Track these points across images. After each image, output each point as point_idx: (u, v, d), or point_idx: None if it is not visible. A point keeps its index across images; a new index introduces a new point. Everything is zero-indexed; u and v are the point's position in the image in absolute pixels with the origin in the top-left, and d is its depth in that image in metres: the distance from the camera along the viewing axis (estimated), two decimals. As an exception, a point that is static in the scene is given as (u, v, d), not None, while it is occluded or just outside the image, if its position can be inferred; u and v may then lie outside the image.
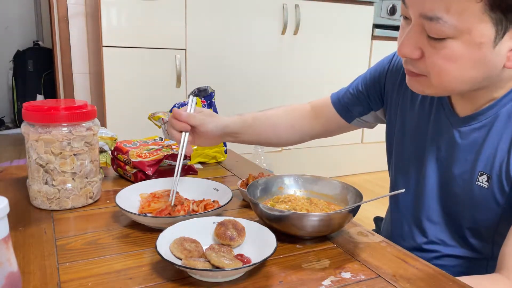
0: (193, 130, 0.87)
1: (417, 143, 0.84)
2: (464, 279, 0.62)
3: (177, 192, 0.83)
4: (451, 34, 0.61)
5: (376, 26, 2.88)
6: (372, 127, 1.02)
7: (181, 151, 0.84)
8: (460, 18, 0.60)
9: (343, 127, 1.01)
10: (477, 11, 0.59)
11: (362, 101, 0.96)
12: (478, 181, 0.73)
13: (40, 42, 4.02)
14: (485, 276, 0.69)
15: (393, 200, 0.92)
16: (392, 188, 0.93)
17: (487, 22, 0.60)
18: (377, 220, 1.10)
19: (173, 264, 0.57)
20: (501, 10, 0.59)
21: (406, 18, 0.68)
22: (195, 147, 1.09)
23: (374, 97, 0.94)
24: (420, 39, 0.65)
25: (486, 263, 0.77)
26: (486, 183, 0.72)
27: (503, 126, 0.71)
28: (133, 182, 0.94)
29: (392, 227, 0.91)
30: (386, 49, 2.94)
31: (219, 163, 1.19)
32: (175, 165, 0.98)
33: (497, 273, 0.67)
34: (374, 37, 2.89)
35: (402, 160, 0.89)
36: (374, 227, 1.10)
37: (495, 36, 0.61)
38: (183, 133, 0.86)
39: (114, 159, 1.01)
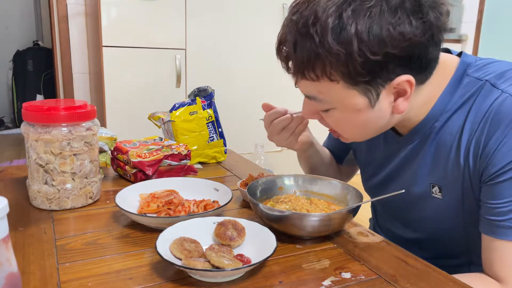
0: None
1: (376, 168, 0.88)
2: (458, 277, 0.62)
3: (177, 193, 0.83)
4: (330, 107, 0.69)
5: (376, 26, 2.88)
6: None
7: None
8: (330, 96, 0.67)
9: (342, 169, 1.08)
10: (341, 89, 0.64)
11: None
12: (433, 193, 0.75)
13: (40, 42, 4.02)
14: (476, 274, 0.69)
15: (373, 211, 0.98)
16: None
17: (355, 95, 0.65)
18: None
19: (173, 264, 0.57)
20: (362, 83, 0.63)
21: None
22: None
23: None
24: (313, 107, 0.74)
25: (467, 269, 0.78)
26: (439, 194, 0.74)
27: (439, 136, 0.73)
28: (133, 182, 0.93)
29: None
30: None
31: (219, 163, 1.19)
32: (175, 165, 0.99)
33: (485, 275, 0.67)
34: (374, 37, 2.89)
35: (368, 184, 0.93)
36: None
37: (369, 101, 0.65)
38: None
39: (114, 159, 1.01)
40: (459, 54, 0.75)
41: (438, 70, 0.69)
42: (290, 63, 0.67)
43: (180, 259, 0.60)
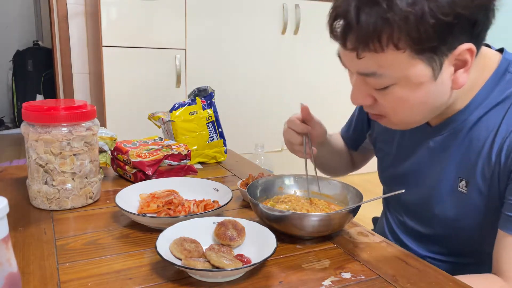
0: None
1: (395, 157, 0.87)
2: (461, 278, 0.62)
3: (177, 193, 0.83)
4: (390, 82, 0.65)
5: (376, 26, 2.88)
6: (374, 154, 1.05)
7: (306, 150, 0.86)
8: (393, 69, 0.63)
9: (356, 156, 1.08)
10: (405, 59, 0.62)
11: (358, 126, 1.01)
12: (459, 187, 0.74)
13: (39, 42, 4.01)
14: (481, 275, 0.69)
15: (386, 208, 0.96)
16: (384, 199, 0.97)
17: (420, 64, 0.62)
18: (375, 220, 1.11)
19: (173, 264, 0.57)
20: (428, 51, 0.61)
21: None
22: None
23: (364, 120, 1.00)
24: (366, 88, 0.69)
25: (475, 269, 0.77)
26: (465, 189, 0.73)
27: (473, 131, 0.72)
28: (133, 182, 0.93)
29: (385, 235, 0.93)
30: (386, 49, 2.95)
31: (219, 163, 1.19)
32: (175, 165, 0.99)
33: (493, 274, 0.67)
34: (374, 37, 2.89)
35: (385, 173, 0.92)
36: (373, 227, 1.10)
37: (433, 72, 0.64)
38: (304, 136, 0.87)
39: (114, 159, 1.01)
40: (500, 50, 0.74)
41: (480, 60, 0.68)
42: (349, 37, 0.63)
43: (180, 259, 0.60)
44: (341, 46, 0.66)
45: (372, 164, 1.16)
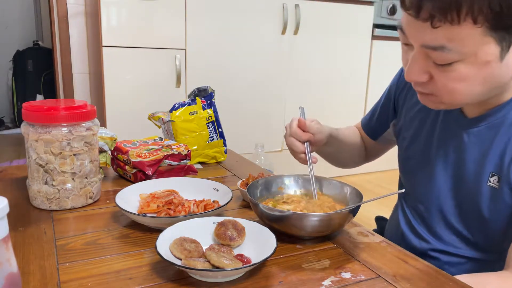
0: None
1: (424, 145, 0.85)
2: (472, 276, 0.62)
3: (177, 192, 0.83)
4: (457, 58, 0.62)
5: (376, 26, 2.88)
6: (393, 144, 1.04)
7: (310, 160, 0.86)
8: (463, 44, 0.61)
9: (373, 147, 1.07)
10: (478, 35, 0.60)
11: (383, 114, 1.00)
12: (489, 182, 0.73)
13: (40, 42, 4.01)
14: (493, 273, 0.68)
15: (402, 200, 0.93)
16: (402, 188, 0.94)
17: (491, 42, 0.61)
18: (379, 219, 1.10)
19: (173, 264, 0.57)
20: (502, 29, 0.59)
21: (406, 44, 0.69)
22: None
23: (390, 107, 0.98)
24: (426, 64, 0.66)
25: (494, 265, 0.76)
26: (497, 184, 0.72)
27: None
28: (133, 182, 0.93)
29: (400, 228, 0.90)
30: (386, 49, 2.94)
31: (219, 163, 1.19)
32: (175, 165, 0.99)
33: (505, 271, 0.67)
34: (374, 37, 2.89)
35: (409, 163, 0.90)
36: (375, 227, 1.09)
37: (501, 52, 0.62)
38: (306, 144, 0.88)
39: (114, 159, 1.01)
40: None
41: None
42: (425, 5, 0.60)
43: (180, 259, 0.60)
44: (411, 16, 0.63)
45: (372, 164, 1.16)
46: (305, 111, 0.92)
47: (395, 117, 0.97)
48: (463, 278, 0.63)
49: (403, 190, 0.76)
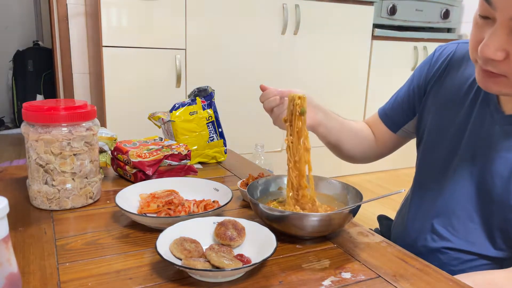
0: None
1: (453, 137, 0.82)
2: (481, 274, 0.61)
3: (177, 193, 0.83)
4: None
5: (376, 26, 2.88)
6: (412, 137, 1.01)
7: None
8: None
9: (391, 140, 1.01)
10: None
11: (405, 106, 0.96)
12: None
13: (40, 42, 4.02)
14: (501, 270, 0.68)
15: (418, 195, 0.90)
16: (418, 183, 0.91)
17: None
18: (382, 218, 1.08)
19: (173, 264, 0.57)
20: None
21: (486, 17, 0.65)
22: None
23: (416, 99, 0.94)
24: (507, 41, 0.62)
25: (507, 263, 0.75)
26: None
27: None
28: (133, 182, 0.94)
29: (413, 226, 0.88)
30: (386, 49, 2.94)
31: (219, 163, 1.19)
32: (175, 165, 0.99)
33: None
34: (374, 37, 2.89)
35: (433, 156, 0.87)
36: (377, 226, 1.08)
37: None
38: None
39: (114, 159, 1.01)
40: None
41: None
42: None
43: (180, 259, 0.60)
44: None
45: (373, 164, 1.15)
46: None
47: (420, 105, 0.93)
48: (473, 275, 0.62)
49: (403, 190, 0.76)
